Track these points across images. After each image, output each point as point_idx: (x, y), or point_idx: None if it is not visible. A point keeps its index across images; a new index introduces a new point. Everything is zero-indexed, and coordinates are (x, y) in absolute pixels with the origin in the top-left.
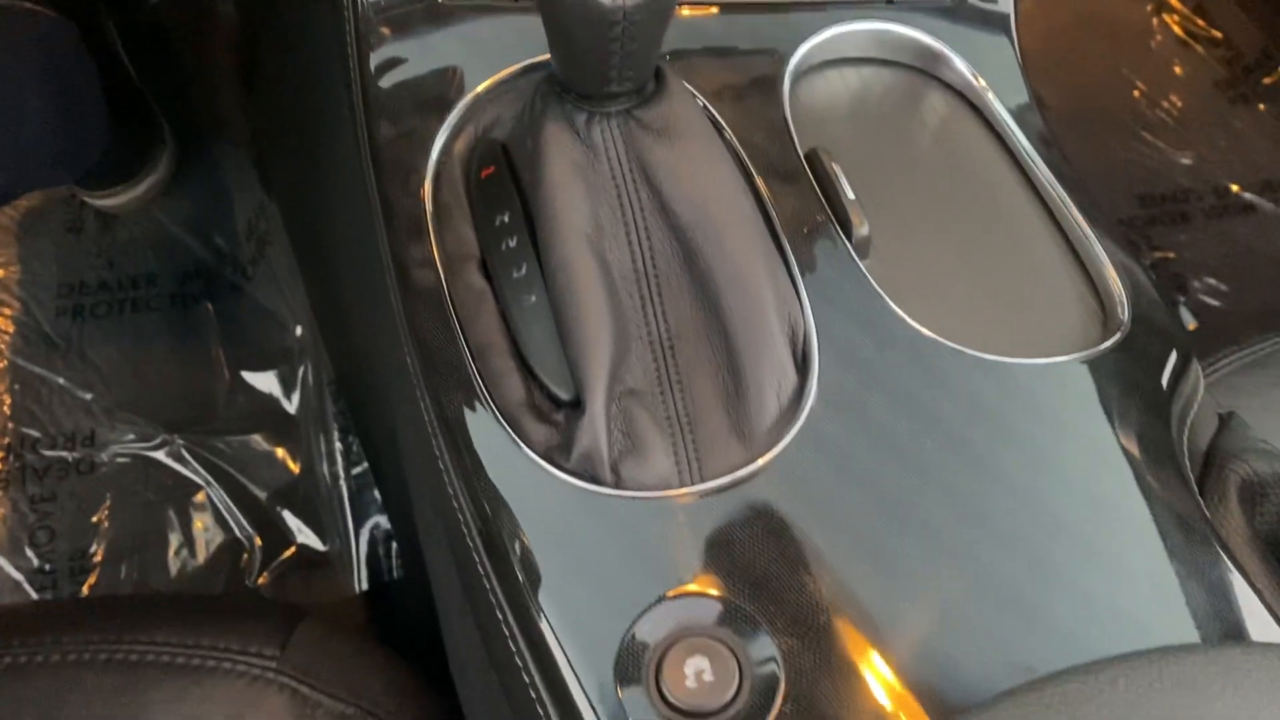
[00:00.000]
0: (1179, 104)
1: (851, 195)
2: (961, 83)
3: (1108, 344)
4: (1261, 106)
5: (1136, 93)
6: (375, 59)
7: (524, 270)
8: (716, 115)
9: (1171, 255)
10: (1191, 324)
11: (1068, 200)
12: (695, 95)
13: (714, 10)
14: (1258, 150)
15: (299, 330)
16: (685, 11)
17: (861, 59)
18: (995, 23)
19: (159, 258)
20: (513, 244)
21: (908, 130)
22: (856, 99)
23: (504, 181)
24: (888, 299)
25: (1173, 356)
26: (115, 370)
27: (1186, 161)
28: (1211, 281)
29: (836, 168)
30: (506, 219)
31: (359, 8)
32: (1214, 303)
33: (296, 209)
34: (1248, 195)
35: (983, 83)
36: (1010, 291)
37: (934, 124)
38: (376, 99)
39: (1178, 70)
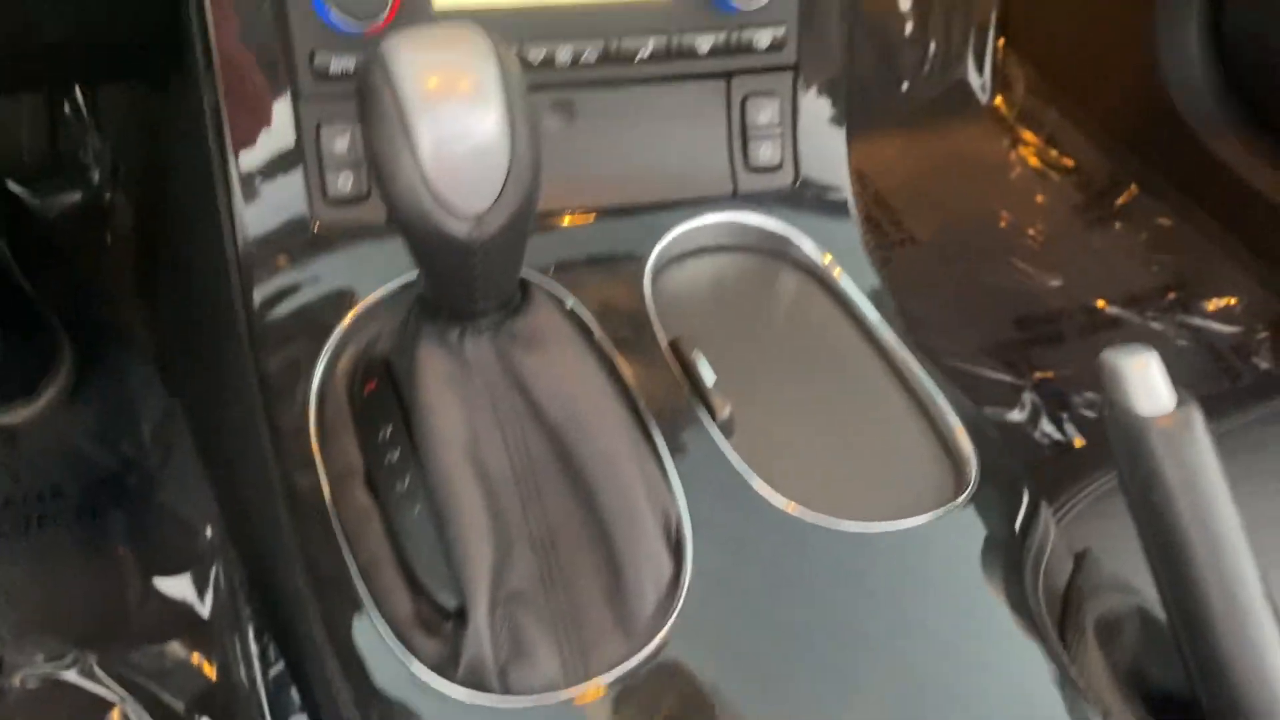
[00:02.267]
0: (1043, 230)
1: (712, 381)
2: (810, 262)
3: (959, 500)
4: (1117, 225)
5: (1003, 223)
6: (260, 292)
7: (407, 483)
8: (587, 314)
9: (1051, 374)
10: (1077, 440)
11: (915, 364)
12: (564, 299)
13: (577, 217)
14: (1119, 267)
15: (209, 532)
16: (552, 220)
17: (717, 247)
18: (836, 204)
19: (64, 470)
20: (396, 458)
21: (765, 310)
22: (716, 284)
23: (386, 396)
24: (754, 477)
25: (1023, 505)
26: (22, 591)
27: (1056, 284)
28: (1090, 395)
29: (698, 354)
30: (389, 433)
31: (241, 243)
32: (1095, 415)
33: (199, 413)
34: (1114, 310)
35: (830, 260)
36: (868, 456)
37: (788, 302)
38: (263, 328)
39: (1038, 199)
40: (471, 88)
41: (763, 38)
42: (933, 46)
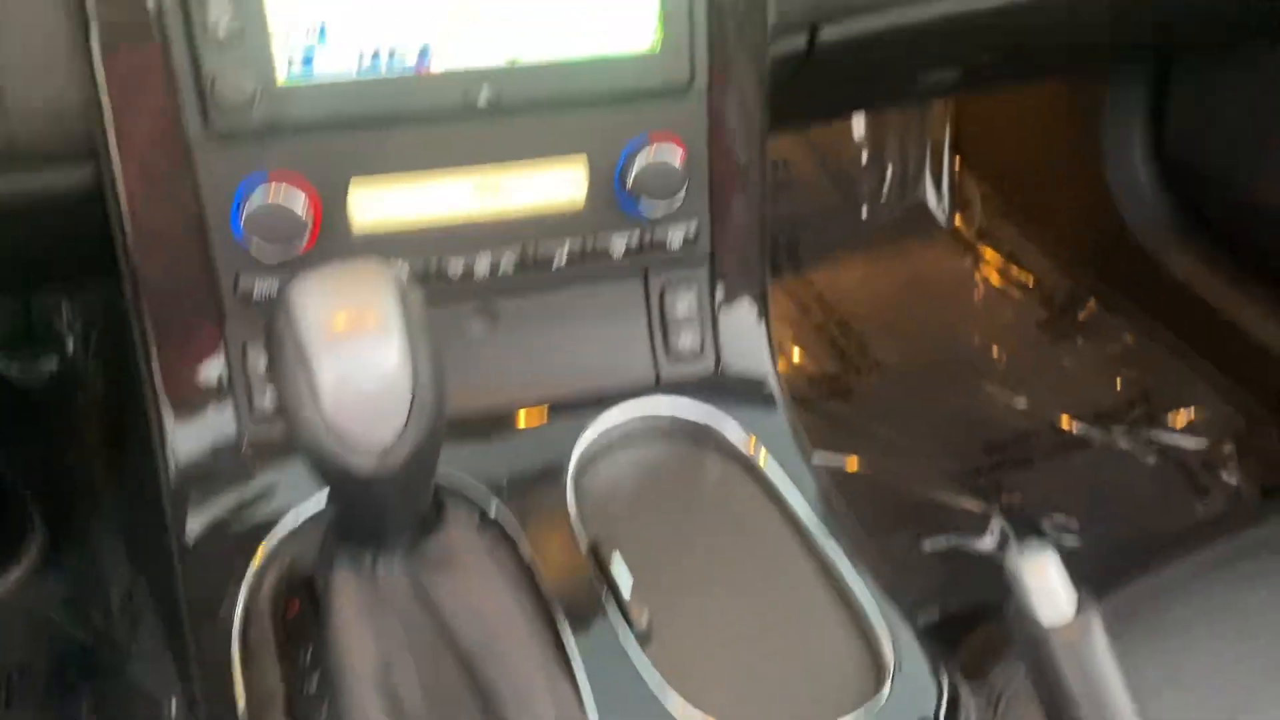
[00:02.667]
0: (1008, 348)
1: (630, 586)
2: (735, 448)
3: (877, 698)
4: (1080, 341)
5: (968, 343)
6: (188, 509)
7: (324, 712)
8: (509, 519)
9: (1021, 498)
10: None
11: (840, 556)
12: (486, 504)
13: (502, 419)
14: (1084, 383)
15: (174, 706)
16: (476, 423)
17: (642, 437)
18: (760, 388)
19: (32, 646)
20: (315, 685)
21: (689, 501)
22: (641, 476)
23: (309, 617)
24: (669, 692)
25: (942, 697)
26: None
27: (1021, 404)
28: (1061, 519)
29: (617, 558)
30: (310, 656)
31: (171, 460)
32: (1068, 541)
33: (159, 589)
34: (1081, 428)
35: (755, 445)
36: (787, 657)
37: (713, 492)
38: (190, 548)
39: (1002, 317)
40: (372, 326)
41: (675, 235)
42: (889, 171)
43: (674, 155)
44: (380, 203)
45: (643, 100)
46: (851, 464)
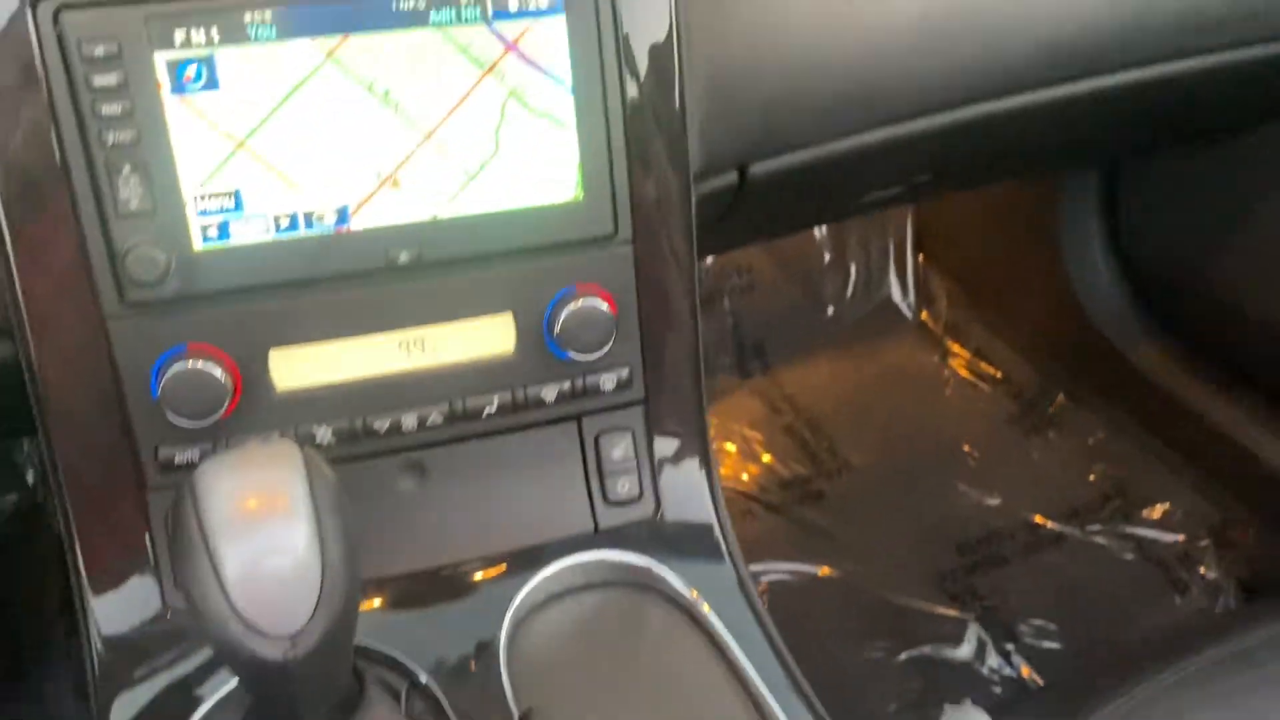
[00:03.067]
0: (979, 444)
1: None
2: (676, 594)
3: None
4: (1051, 435)
5: (939, 440)
6: (116, 705)
7: None
8: (437, 689)
9: (996, 603)
10: (1024, 668)
11: (778, 710)
12: (416, 674)
13: (432, 579)
14: (1057, 478)
15: None
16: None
17: (581, 587)
18: (701, 530)
19: None
20: None
21: (629, 663)
22: (579, 629)
23: None
24: None
25: None
26: None
27: (995, 502)
28: (1039, 622)
29: None
30: None
31: (94, 635)
32: (1046, 644)
33: None
34: (1055, 526)
35: (697, 594)
36: None
37: (654, 652)
38: None
39: (972, 412)
40: (279, 509)
41: (608, 381)
42: (853, 269)
43: (602, 305)
44: (302, 366)
45: (568, 251)
46: (824, 571)
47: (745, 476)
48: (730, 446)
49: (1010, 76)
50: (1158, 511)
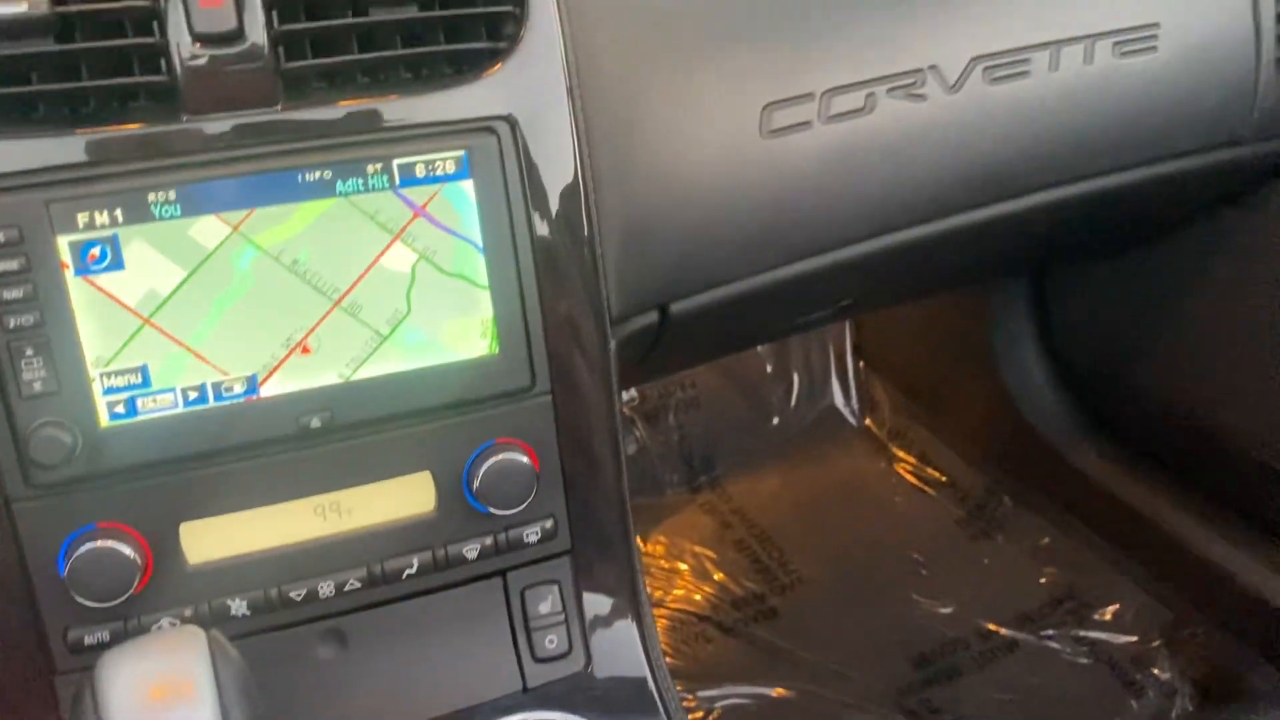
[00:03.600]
0: (929, 551)
1: None
2: None
3: None
4: (1000, 539)
5: (890, 548)
6: None
7: None
8: None
9: (953, 718)
10: None
11: None
12: None
13: None
14: (1008, 583)
15: None
16: None
17: None
18: (634, 683)
19: None
20: None
21: None
22: None
23: None
24: None
25: None
26: None
27: (948, 610)
28: None
29: None
30: None
31: None
32: None
33: None
34: (1009, 632)
35: None
36: None
37: None
38: None
39: (920, 518)
40: (181, 699)
41: (532, 533)
42: (796, 378)
43: (522, 458)
44: (215, 538)
45: (485, 406)
46: (779, 692)
47: (699, 597)
48: (683, 566)
49: (920, 207)
50: (1109, 613)
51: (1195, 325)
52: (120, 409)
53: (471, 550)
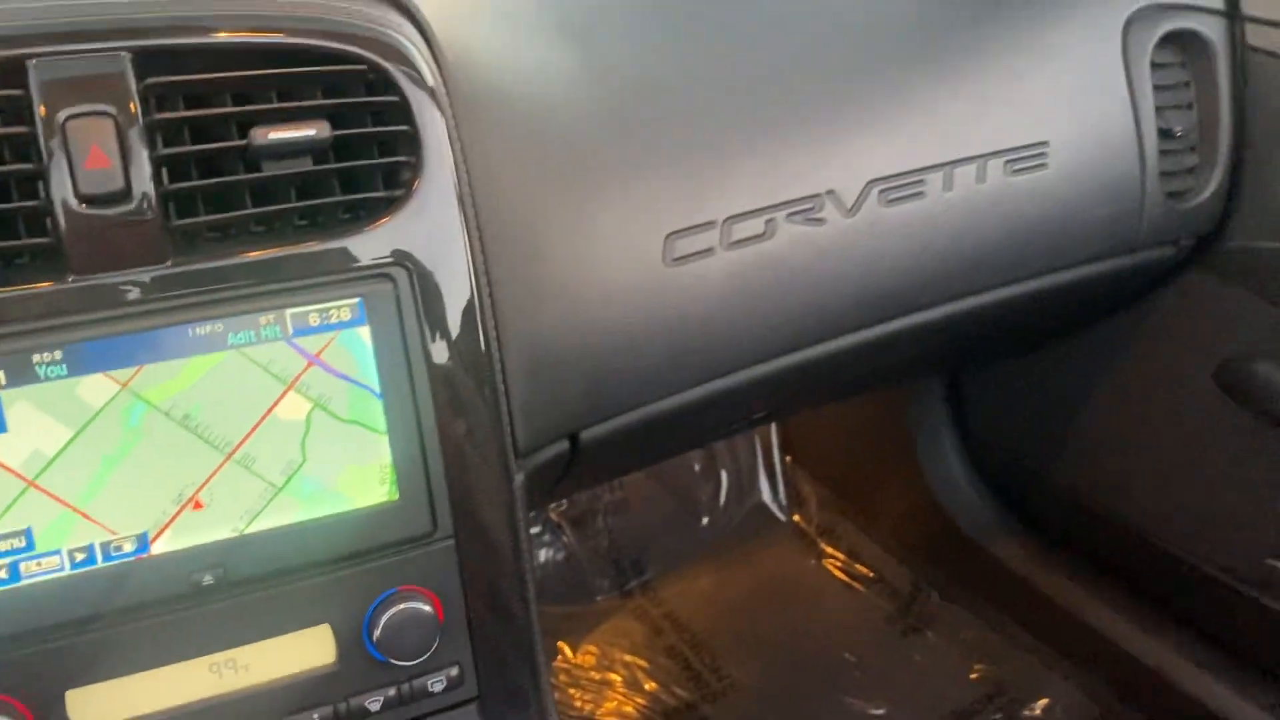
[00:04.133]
0: (860, 650)
1: None
2: None
3: None
4: (930, 634)
5: (821, 648)
6: None
7: None
8: None
9: None
10: None
11: None
12: None
13: None
14: (939, 679)
15: None
16: None
17: None
18: None
19: None
20: None
21: None
22: None
23: None
24: None
25: None
26: None
27: (880, 712)
28: None
29: None
30: None
31: None
32: None
33: None
34: None
35: None
36: None
37: None
38: None
39: (850, 615)
40: None
41: (437, 682)
42: (724, 476)
43: (424, 605)
44: (104, 703)
45: (385, 554)
46: None
47: (630, 709)
48: (614, 677)
49: (824, 327)
50: (1038, 708)
51: (1100, 419)
52: (2, 574)
53: (374, 703)
